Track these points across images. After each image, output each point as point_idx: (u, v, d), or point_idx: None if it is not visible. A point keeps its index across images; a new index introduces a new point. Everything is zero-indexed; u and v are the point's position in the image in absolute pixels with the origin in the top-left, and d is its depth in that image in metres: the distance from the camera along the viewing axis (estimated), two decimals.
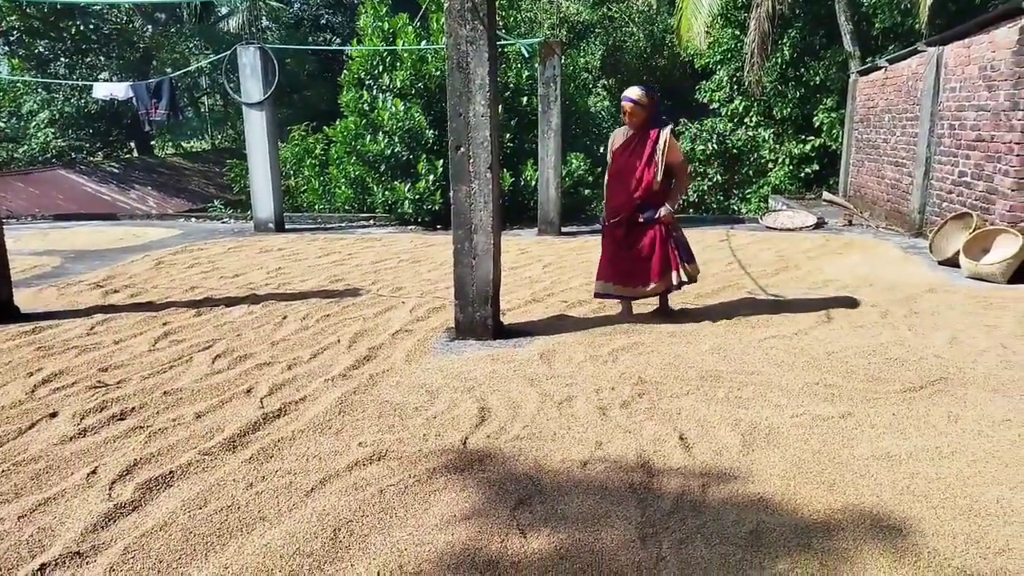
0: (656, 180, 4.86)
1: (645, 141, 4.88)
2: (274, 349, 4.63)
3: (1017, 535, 2.50)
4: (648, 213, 4.94)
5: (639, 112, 4.83)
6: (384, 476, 2.96)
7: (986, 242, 6.78)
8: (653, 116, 4.90)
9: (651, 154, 4.85)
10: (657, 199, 4.93)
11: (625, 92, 4.91)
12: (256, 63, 9.49)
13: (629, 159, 4.93)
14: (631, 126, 4.91)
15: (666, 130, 4.87)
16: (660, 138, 4.84)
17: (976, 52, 7.45)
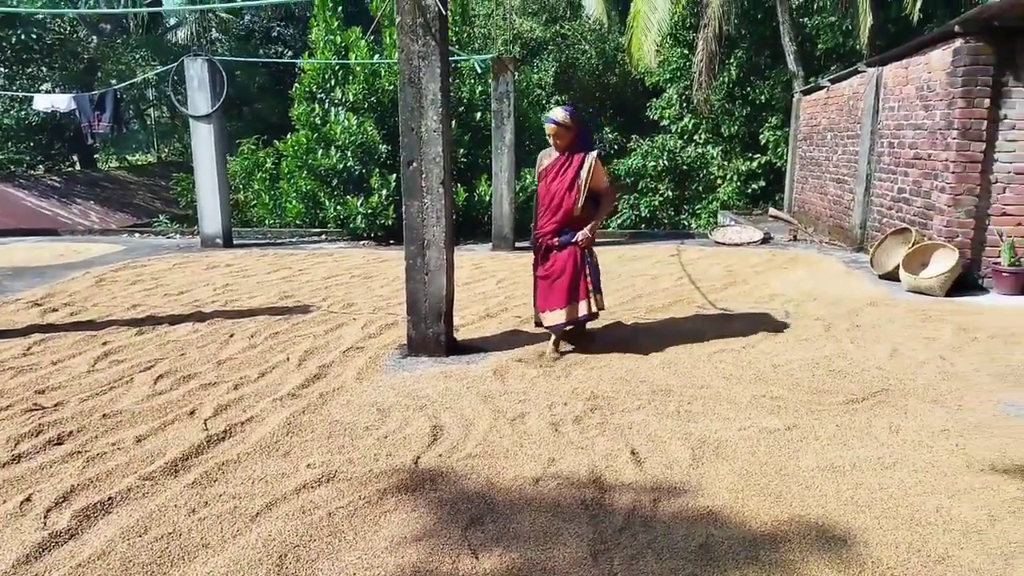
0: (577, 206, 4.62)
1: (570, 165, 4.65)
2: (220, 368, 4.52)
3: (956, 543, 2.57)
4: (565, 236, 4.70)
5: (564, 134, 4.62)
6: (333, 498, 2.90)
7: (924, 257, 7.02)
8: (580, 138, 4.68)
9: (574, 178, 4.62)
10: (578, 224, 4.68)
11: (549, 113, 4.69)
12: (204, 75, 9.32)
13: (552, 182, 4.69)
14: (556, 148, 4.70)
15: (591, 155, 4.65)
16: (585, 163, 4.62)
17: (913, 73, 7.75)
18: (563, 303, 4.65)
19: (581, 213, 4.65)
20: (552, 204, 4.69)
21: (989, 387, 4.20)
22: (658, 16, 14.53)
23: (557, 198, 4.65)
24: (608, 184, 4.83)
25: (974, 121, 6.59)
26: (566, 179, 4.63)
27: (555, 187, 4.66)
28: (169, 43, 22.65)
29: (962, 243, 6.80)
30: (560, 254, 4.70)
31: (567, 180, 4.62)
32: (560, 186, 4.64)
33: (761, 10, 14.81)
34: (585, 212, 4.67)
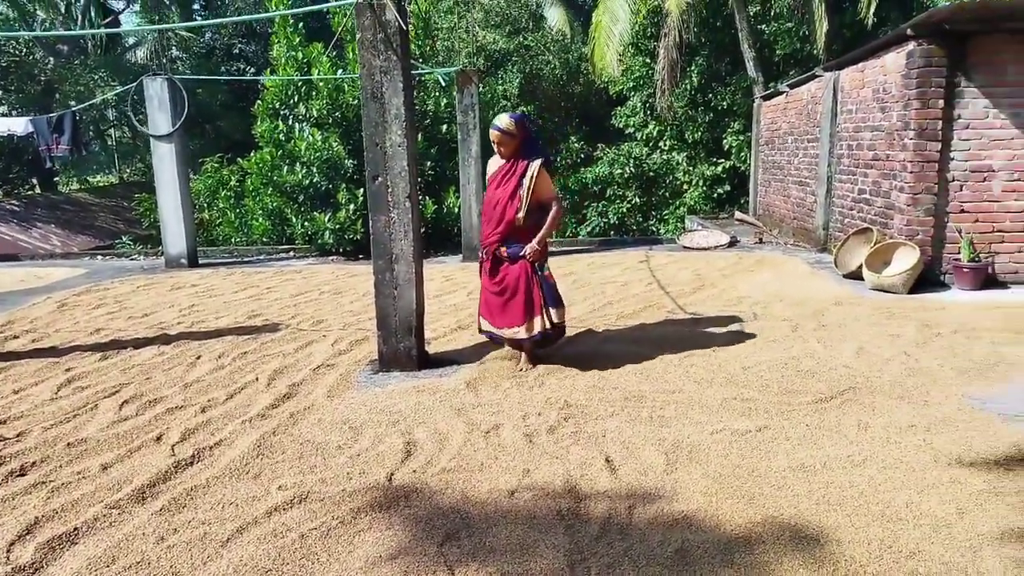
0: (519, 217, 4.42)
1: (513, 173, 4.45)
2: (187, 391, 4.44)
3: (927, 538, 2.61)
4: (513, 248, 4.48)
5: (508, 141, 4.42)
6: (306, 520, 2.86)
7: (887, 255, 7.16)
8: (527, 146, 4.48)
9: (516, 187, 4.42)
10: (525, 236, 4.48)
11: (494, 120, 4.48)
12: (164, 94, 9.20)
13: (497, 191, 4.50)
14: (501, 156, 4.51)
15: (536, 163, 4.42)
16: (528, 171, 4.41)
17: (869, 76, 7.92)
18: (521, 320, 4.48)
19: (525, 224, 4.45)
20: (495, 213, 4.49)
21: (953, 382, 4.28)
22: (619, 26, 14.70)
23: (500, 207, 4.46)
24: (555, 194, 4.59)
25: (929, 121, 6.75)
26: (508, 188, 4.44)
27: (498, 195, 4.48)
28: (128, 63, 22.35)
29: (922, 241, 6.95)
30: (511, 268, 4.51)
31: (509, 189, 4.43)
32: (503, 194, 4.45)
33: (720, 18, 15.04)
34: (530, 223, 4.47)
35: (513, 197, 4.42)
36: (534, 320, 4.48)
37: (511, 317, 4.51)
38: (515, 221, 4.43)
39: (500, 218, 4.46)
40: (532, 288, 4.47)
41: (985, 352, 4.81)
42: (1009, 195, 6.85)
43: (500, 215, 4.46)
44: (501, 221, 4.46)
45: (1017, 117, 6.69)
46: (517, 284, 4.48)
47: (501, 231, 4.47)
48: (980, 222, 6.92)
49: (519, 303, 4.47)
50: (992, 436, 3.45)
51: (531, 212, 4.44)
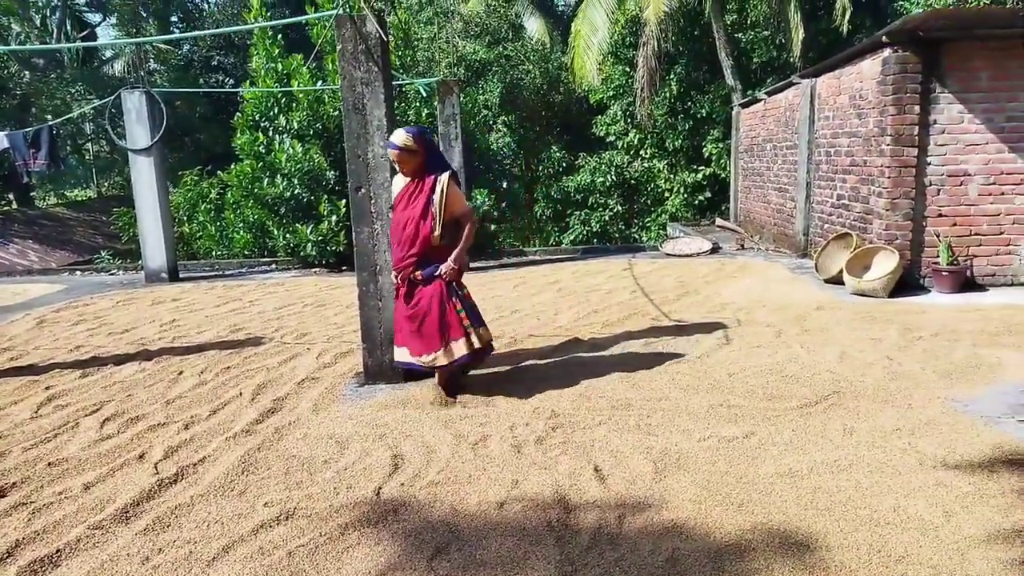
0: (435, 235, 4.17)
1: (420, 190, 4.20)
2: (169, 408, 4.38)
3: (915, 541, 2.63)
4: (428, 269, 4.22)
5: (408, 159, 4.15)
6: (293, 537, 2.82)
7: (867, 260, 7.24)
8: (430, 161, 4.23)
9: (427, 205, 4.16)
10: (441, 255, 4.24)
11: (391, 137, 4.19)
12: (142, 108, 9.13)
13: (406, 211, 4.23)
14: (404, 174, 4.25)
15: (443, 176, 4.20)
16: (437, 186, 4.17)
17: (846, 83, 8.03)
18: (439, 344, 4.17)
19: (441, 242, 4.22)
20: (407, 234, 4.21)
21: (935, 385, 4.33)
22: (599, 36, 14.82)
23: (411, 227, 4.19)
24: (467, 206, 4.36)
25: (906, 127, 6.84)
26: (418, 206, 4.18)
27: (407, 215, 4.21)
28: (106, 76, 22.18)
29: (901, 245, 7.03)
30: (425, 290, 4.22)
31: (419, 207, 4.17)
32: (413, 214, 4.19)
33: (697, 27, 15.21)
34: (445, 241, 4.24)
35: (425, 215, 4.17)
36: (453, 344, 4.18)
37: (428, 343, 4.20)
38: (431, 240, 4.19)
39: (413, 239, 4.19)
40: (449, 310, 4.20)
41: (966, 355, 4.87)
42: (985, 199, 6.95)
43: (413, 236, 4.19)
44: (415, 242, 4.19)
45: (991, 122, 6.80)
46: (431, 306, 4.19)
47: (416, 253, 4.20)
48: (958, 226, 7.02)
49: (435, 327, 4.18)
50: (975, 439, 3.49)
51: (445, 229, 4.23)
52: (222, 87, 22.92)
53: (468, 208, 4.36)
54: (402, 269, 4.26)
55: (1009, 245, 7.03)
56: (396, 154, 4.14)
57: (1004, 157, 6.86)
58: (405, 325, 4.31)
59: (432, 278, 4.22)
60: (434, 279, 4.22)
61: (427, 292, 4.21)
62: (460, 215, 4.29)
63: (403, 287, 4.29)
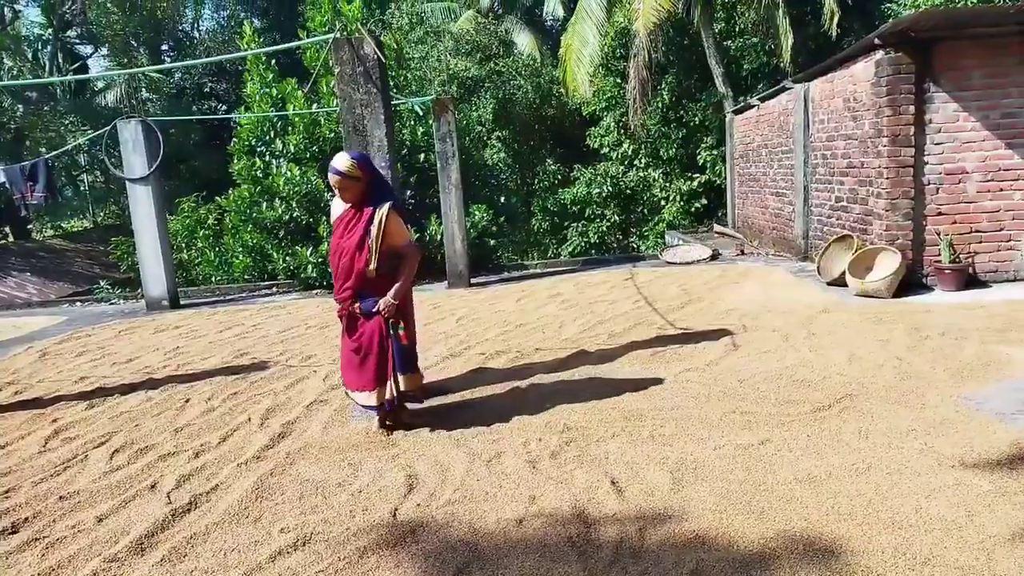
0: (369, 268, 3.94)
1: (359, 220, 3.98)
2: (178, 437, 4.35)
3: (938, 542, 2.61)
4: (367, 303, 4.01)
5: (350, 185, 3.92)
6: (311, 563, 2.79)
7: (869, 261, 7.24)
8: (373, 190, 3.99)
9: (363, 236, 3.94)
10: (381, 288, 4.00)
11: (332, 161, 3.96)
12: (138, 137, 9.14)
13: (342, 240, 4.02)
14: (344, 200, 4.01)
15: (383, 207, 3.94)
16: (375, 218, 3.93)
17: (839, 86, 8.07)
18: (372, 384, 4.03)
19: (377, 276, 3.98)
20: (343, 265, 4.01)
21: (946, 384, 4.32)
22: (589, 49, 14.88)
23: (347, 258, 3.98)
24: (410, 241, 4.12)
25: (902, 128, 6.87)
26: (354, 237, 3.96)
27: (344, 245, 4.00)
28: (99, 106, 22.23)
29: (903, 245, 7.04)
30: (368, 325, 4.03)
31: (355, 238, 3.95)
32: (349, 245, 3.98)
33: (686, 36, 15.30)
34: (385, 272, 4.01)
35: (361, 247, 3.95)
36: (384, 388, 4.03)
37: (364, 379, 4.05)
38: (365, 273, 3.96)
39: (349, 271, 3.99)
40: (386, 350, 4.02)
41: (975, 352, 4.86)
42: (984, 196, 6.97)
43: (349, 267, 3.98)
44: (350, 274, 3.98)
45: (986, 119, 6.84)
46: (371, 343, 4.02)
47: (352, 285, 4.00)
48: (958, 224, 7.03)
49: (371, 366, 4.02)
50: (992, 436, 3.47)
51: (386, 260, 3.99)
52: (215, 113, 23.00)
53: (409, 241, 4.12)
54: (341, 300, 4.06)
55: (1010, 241, 7.04)
56: (337, 180, 3.90)
57: (1001, 153, 6.89)
58: (350, 357, 4.11)
59: (371, 313, 4.01)
60: (373, 315, 4.01)
61: (368, 327, 4.03)
62: (399, 248, 4.03)
63: (344, 318, 4.09)
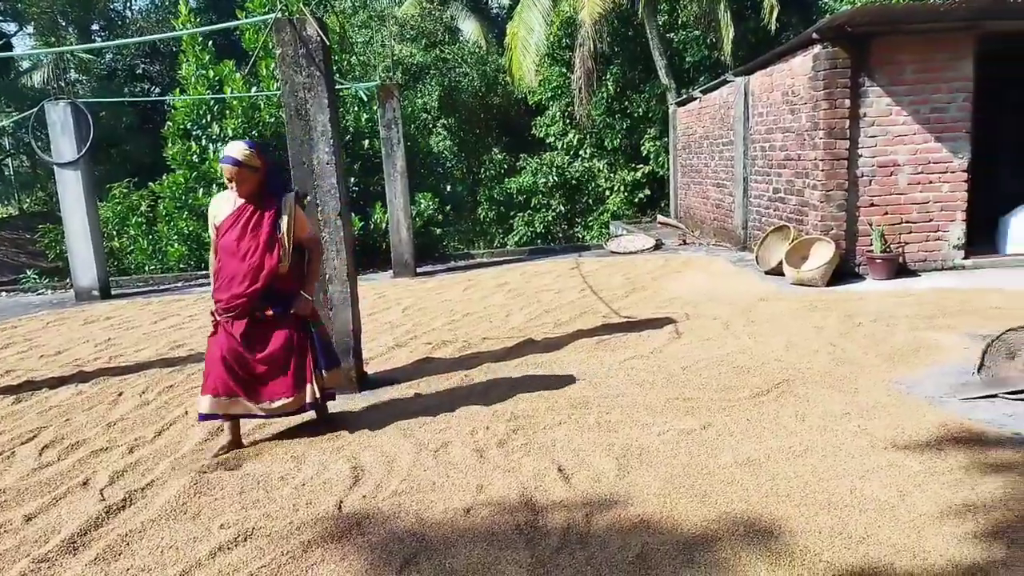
0: (284, 265, 3.69)
1: (262, 214, 3.68)
2: (111, 431, 4.19)
3: (873, 522, 2.70)
4: (276, 307, 3.72)
5: (248, 176, 3.61)
6: (253, 558, 2.72)
7: (804, 251, 7.45)
8: (271, 181, 3.74)
9: (271, 232, 3.65)
10: (287, 288, 3.75)
11: (225, 149, 3.65)
12: (67, 119, 8.74)
13: (241, 238, 3.66)
14: (241, 195, 3.67)
15: (288, 197, 3.73)
16: (283, 210, 3.69)
17: (778, 80, 8.25)
18: (291, 390, 3.75)
19: (289, 272, 3.75)
20: (248, 266, 3.64)
21: (879, 369, 4.47)
22: (535, 37, 14.89)
23: (254, 258, 3.64)
24: (313, 231, 3.94)
25: (837, 121, 7.07)
26: (261, 234, 3.65)
27: (247, 245, 3.65)
28: (24, 87, 21.18)
29: (837, 235, 7.26)
30: (279, 331, 3.74)
31: (264, 234, 3.65)
32: (254, 243, 3.64)
33: (631, 28, 15.44)
34: (293, 271, 3.78)
35: (272, 244, 3.65)
36: (305, 389, 3.80)
37: (277, 387, 3.75)
38: (276, 270, 3.67)
39: (255, 272, 3.64)
40: (306, 350, 3.81)
41: (905, 338, 5.05)
42: (914, 188, 7.24)
43: (255, 268, 3.64)
44: (258, 275, 3.64)
45: (917, 113, 7.09)
46: (289, 348, 3.74)
47: (259, 287, 3.64)
48: (889, 215, 7.28)
49: (292, 371, 3.75)
50: (922, 419, 3.61)
51: (294, 256, 3.77)
52: (148, 96, 22.17)
53: (315, 234, 3.95)
54: (239, 307, 3.67)
55: (938, 231, 7.33)
56: (234, 171, 3.57)
57: (931, 147, 7.16)
58: (238, 368, 3.71)
59: (283, 316, 3.74)
60: (287, 318, 3.75)
61: (280, 333, 3.74)
62: (307, 241, 3.83)
63: (241, 325, 3.69)
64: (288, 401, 3.76)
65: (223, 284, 3.72)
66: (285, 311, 3.74)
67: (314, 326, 3.90)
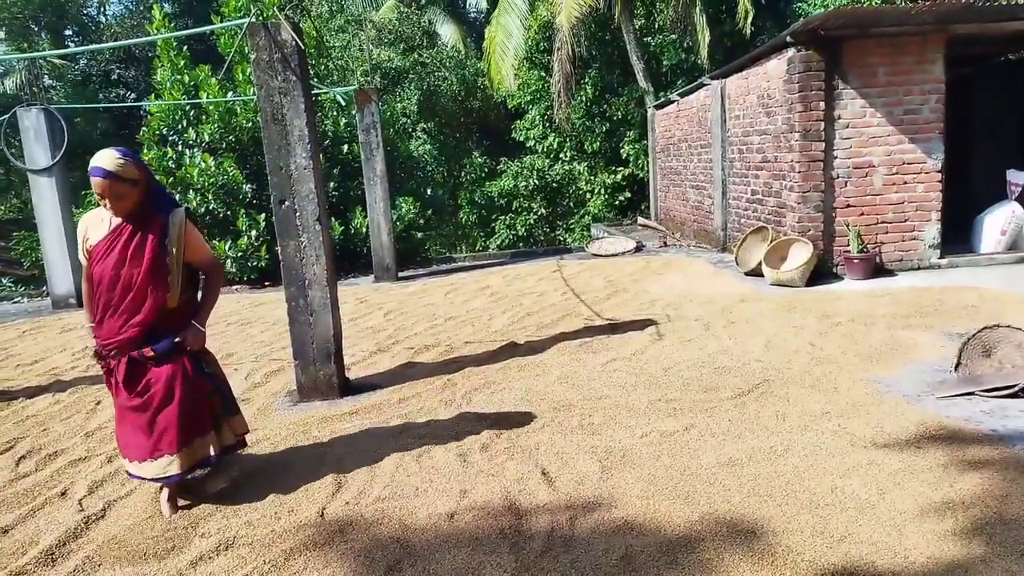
0: (173, 295, 3.06)
1: (144, 236, 3.00)
2: (89, 441, 4.13)
3: (853, 520, 2.73)
4: (162, 344, 3.05)
5: (124, 191, 2.93)
6: (234, 567, 2.70)
7: (783, 251, 7.53)
8: (153, 195, 3.07)
9: (156, 255, 2.99)
10: (175, 320, 3.10)
11: (93, 160, 2.95)
12: (41, 126, 8.62)
13: (120, 265, 2.99)
14: (116, 213, 2.99)
15: (177, 213, 3.09)
16: (170, 229, 3.04)
17: (754, 83, 8.33)
18: (175, 446, 3.03)
19: (178, 304, 3.11)
20: (128, 298, 2.99)
21: (857, 367, 4.52)
22: (514, 41, 14.92)
23: (137, 289, 2.98)
24: (211, 254, 3.29)
25: (812, 123, 7.15)
26: (145, 258, 2.98)
27: (128, 274, 2.98)
28: None
29: (814, 236, 7.33)
30: (160, 370, 3.05)
31: (147, 259, 2.98)
32: (136, 271, 2.98)
33: (608, 32, 15.52)
34: (183, 301, 3.14)
35: (157, 270, 3.00)
36: (204, 439, 3.15)
37: (160, 442, 3.04)
38: (165, 302, 3.03)
39: (138, 304, 3.00)
40: (198, 393, 3.14)
41: (882, 337, 5.11)
42: (889, 188, 7.33)
43: (138, 299, 3.00)
44: (141, 308, 3.00)
45: (891, 115, 7.19)
46: (172, 390, 3.05)
47: (143, 321, 3.00)
48: (865, 215, 7.37)
49: (172, 418, 3.04)
50: (900, 417, 3.66)
51: (186, 284, 3.17)
52: (123, 101, 21.91)
53: (212, 256, 3.29)
54: (118, 344, 3.03)
55: (914, 231, 7.43)
56: (107, 185, 2.90)
57: (904, 148, 7.26)
58: (128, 416, 3.10)
59: (170, 353, 3.07)
60: (173, 354, 3.08)
61: (163, 373, 3.05)
62: (203, 265, 3.24)
63: (121, 368, 3.05)
64: (170, 460, 3.03)
65: (103, 323, 3.06)
66: (171, 347, 3.06)
67: (207, 365, 3.26)
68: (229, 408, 3.34)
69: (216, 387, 3.27)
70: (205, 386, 3.19)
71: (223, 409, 3.29)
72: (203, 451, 3.15)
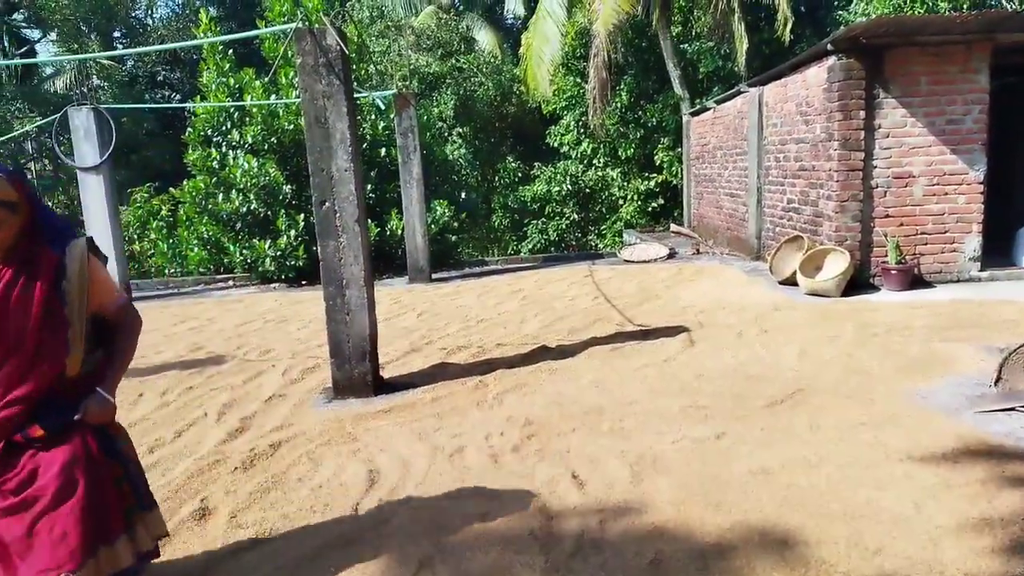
0: (71, 358, 2.22)
1: (30, 278, 2.15)
2: (131, 432, 4.23)
3: (888, 533, 2.70)
4: (55, 418, 2.19)
5: (5, 217, 2.10)
6: (269, 559, 2.77)
7: (819, 261, 7.44)
8: (40, 224, 2.21)
9: (50, 305, 2.17)
10: (76, 389, 2.26)
11: None
12: (90, 125, 8.87)
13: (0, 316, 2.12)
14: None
15: (76, 245, 2.24)
16: (68, 265, 2.21)
17: (792, 91, 8.26)
18: (77, 557, 2.09)
19: (81, 368, 2.26)
20: (8, 365, 2.13)
21: (894, 379, 4.47)
22: (550, 47, 14.97)
23: (22, 353, 2.14)
24: (122, 296, 2.44)
25: (852, 132, 7.06)
26: (32, 309, 2.13)
27: (12, 328, 2.12)
28: (47, 93, 21.47)
29: (851, 246, 7.24)
30: (53, 454, 2.17)
31: (34, 310, 2.13)
32: (23, 324, 2.13)
33: (645, 39, 15.49)
34: (91, 363, 2.30)
35: (51, 326, 2.17)
36: (104, 551, 2.17)
37: (55, 554, 2.09)
38: (62, 368, 2.21)
39: (22, 372, 2.15)
40: (103, 484, 2.21)
41: (920, 349, 5.03)
42: (930, 199, 7.22)
43: (22, 367, 2.15)
44: (29, 375, 2.16)
45: (932, 125, 7.08)
46: (67, 483, 2.14)
47: (33, 390, 2.16)
48: (904, 226, 7.26)
49: (74, 520, 2.12)
50: (937, 431, 3.61)
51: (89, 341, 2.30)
52: (168, 102, 22.43)
53: (125, 299, 2.45)
54: None
55: (954, 243, 7.30)
56: None
57: (946, 158, 7.14)
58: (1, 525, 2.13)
59: (61, 432, 2.19)
60: (71, 433, 2.20)
61: (58, 457, 2.16)
62: (113, 312, 2.37)
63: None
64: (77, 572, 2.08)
65: None
66: (67, 424, 2.21)
67: (119, 443, 2.37)
68: (143, 501, 2.39)
69: (128, 472, 2.34)
70: (115, 470, 2.28)
71: (137, 502, 2.35)
72: (113, 562, 2.20)
